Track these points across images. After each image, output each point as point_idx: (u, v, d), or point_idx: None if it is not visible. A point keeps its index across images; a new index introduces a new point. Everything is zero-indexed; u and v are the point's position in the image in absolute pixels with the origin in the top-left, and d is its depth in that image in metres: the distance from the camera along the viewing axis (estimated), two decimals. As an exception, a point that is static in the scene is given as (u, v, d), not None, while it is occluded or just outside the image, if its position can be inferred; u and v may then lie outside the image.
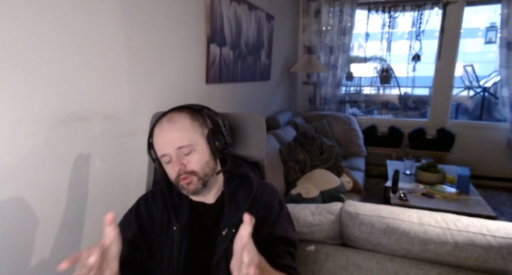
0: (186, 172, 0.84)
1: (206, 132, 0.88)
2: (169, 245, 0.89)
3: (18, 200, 0.94)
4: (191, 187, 0.85)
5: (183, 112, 0.88)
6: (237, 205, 0.89)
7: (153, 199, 0.95)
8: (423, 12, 3.62)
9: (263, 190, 0.94)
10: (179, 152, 0.84)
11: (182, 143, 0.83)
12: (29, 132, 0.95)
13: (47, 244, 1.04)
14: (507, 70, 3.41)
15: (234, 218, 0.87)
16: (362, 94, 5.01)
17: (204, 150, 0.87)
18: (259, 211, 0.89)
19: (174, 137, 0.83)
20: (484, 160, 3.72)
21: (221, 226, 0.88)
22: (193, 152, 0.85)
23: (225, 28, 2.10)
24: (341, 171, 2.56)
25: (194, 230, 0.90)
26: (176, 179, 0.86)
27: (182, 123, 0.85)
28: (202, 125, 0.88)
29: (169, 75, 1.61)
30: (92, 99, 1.16)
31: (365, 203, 1.25)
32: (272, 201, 0.92)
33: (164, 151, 0.84)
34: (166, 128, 0.84)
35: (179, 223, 0.89)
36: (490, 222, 1.08)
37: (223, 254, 0.85)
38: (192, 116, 0.88)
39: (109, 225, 0.67)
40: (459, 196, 2.31)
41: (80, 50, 1.09)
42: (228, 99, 2.35)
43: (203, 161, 0.87)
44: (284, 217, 0.92)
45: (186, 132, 0.84)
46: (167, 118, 0.86)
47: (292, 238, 0.90)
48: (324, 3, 3.83)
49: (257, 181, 0.95)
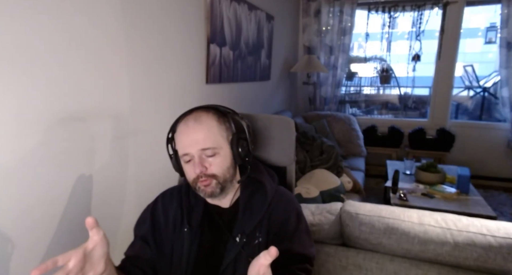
0: (206, 175, 0.83)
1: (230, 137, 0.86)
2: (179, 245, 0.88)
3: (18, 200, 0.94)
4: (208, 189, 0.84)
5: (210, 112, 0.86)
6: (251, 213, 0.87)
7: (170, 197, 0.95)
8: (423, 12, 3.62)
9: (279, 201, 0.90)
10: (202, 154, 0.82)
11: (207, 145, 0.82)
12: (29, 132, 0.95)
13: (47, 244, 1.04)
14: (507, 70, 3.41)
15: (246, 226, 0.86)
16: (362, 94, 5.01)
17: (227, 155, 0.86)
18: (273, 223, 0.87)
19: (199, 138, 0.81)
20: (484, 160, 3.72)
21: (234, 232, 0.86)
22: (216, 155, 0.83)
23: (225, 28, 2.10)
24: (341, 171, 2.56)
25: (206, 233, 0.89)
26: (194, 180, 0.84)
27: (209, 124, 0.83)
28: (228, 129, 0.87)
29: (169, 75, 1.61)
30: (92, 99, 1.16)
31: (365, 203, 1.26)
32: (289, 213, 0.89)
33: (187, 150, 0.83)
34: (192, 127, 0.82)
35: (191, 224, 0.88)
36: (490, 222, 1.08)
37: (232, 261, 0.84)
38: (219, 119, 0.86)
39: (91, 229, 0.66)
40: (459, 196, 2.31)
41: (80, 50, 1.09)
42: (228, 99, 2.35)
43: (225, 166, 0.85)
44: (302, 231, 0.88)
45: (212, 134, 0.83)
46: (194, 117, 0.84)
47: (309, 254, 0.86)
48: (324, 3, 3.83)
49: (273, 189, 0.92)
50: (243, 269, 0.83)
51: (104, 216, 1.25)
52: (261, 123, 1.03)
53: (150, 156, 1.48)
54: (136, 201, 1.41)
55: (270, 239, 0.86)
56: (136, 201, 1.41)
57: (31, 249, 0.99)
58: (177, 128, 0.86)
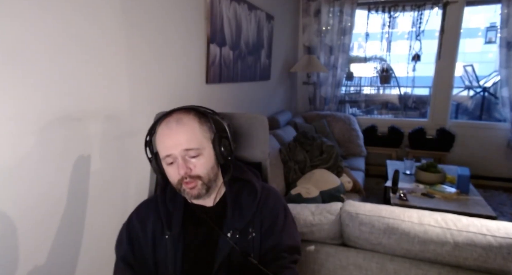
0: (191, 177, 0.82)
1: (212, 137, 0.86)
2: (163, 254, 0.87)
3: (18, 200, 0.94)
4: (194, 192, 0.83)
5: (191, 114, 0.86)
6: (240, 210, 0.88)
7: (146, 210, 0.93)
8: (423, 12, 3.62)
9: (267, 196, 0.91)
10: (186, 154, 0.82)
11: (191, 145, 0.81)
12: (29, 132, 0.95)
13: (46, 244, 1.04)
14: (507, 70, 3.40)
15: (238, 223, 0.86)
16: (362, 94, 5.01)
17: (210, 155, 0.86)
18: (264, 219, 0.88)
19: (182, 139, 0.81)
20: (484, 160, 3.72)
21: (225, 229, 0.86)
22: (200, 156, 0.83)
23: (225, 28, 2.10)
24: (341, 171, 2.56)
25: (190, 235, 0.88)
26: (179, 182, 0.83)
27: (191, 125, 0.83)
28: (209, 129, 0.87)
29: (169, 75, 1.61)
30: (92, 99, 1.16)
31: (365, 203, 1.26)
32: (278, 209, 0.91)
33: (169, 151, 0.82)
34: (175, 129, 0.82)
35: (171, 231, 0.87)
36: (490, 222, 1.08)
37: (225, 260, 0.84)
38: (200, 119, 0.86)
39: None
40: (459, 196, 2.31)
41: (80, 50, 1.09)
42: (228, 99, 2.35)
43: (209, 166, 0.85)
44: (290, 224, 0.91)
45: (194, 135, 0.83)
46: (175, 119, 0.83)
47: (297, 244, 0.90)
48: (324, 3, 3.83)
49: (260, 185, 0.93)
50: (237, 265, 0.84)
51: (104, 216, 1.25)
52: (237, 121, 1.05)
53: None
54: (136, 201, 1.41)
55: (262, 234, 0.87)
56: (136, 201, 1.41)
57: (32, 249, 0.99)
58: (158, 130, 0.85)
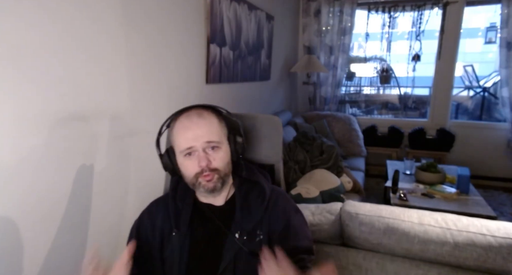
0: (210, 169, 0.84)
1: (227, 134, 0.90)
2: (170, 251, 0.88)
3: (18, 200, 0.94)
4: (210, 184, 0.84)
5: (210, 110, 0.89)
6: (249, 210, 0.88)
7: (157, 207, 0.95)
8: (423, 12, 3.62)
9: (277, 199, 0.92)
10: (207, 147, 0.84)
11: (212, 138, 0.84)
12: (29, 132, 0.95)
13: (47, 244, 1.04)
14: (507, 70, 3.40)
15: (246, 224, 0.86)
16: (362, 94, 5.01)
17: (227, 150, 0.88)
18: (274, 222, 0.88)
19: (204, 131, 0.83)
20: (484, 160, 3.72)
21: (233, 229, 0.86)
22: (218, 150, 0.85)
23: (225, 28, 2.10)
24: (341, 171, 2.56)
25: (198, 233, 0.88)
26: (196, 175, 0.84)
27: (212, 120, 0.86)
28: (225, 126, 0.90)
29: (169, 75, 1.61)
30: (92, 99, 1.16)
31: (365, 203, 1.25)
32: (289, 211, 0.91)
33: (191, 143, 0.83)
34: (196, 122, 0.84)
35: (179, 228, 0.88)
36: (490, 222, 1.08)
37: (231, 260, 0.84)
38: (218, 116, 0.89)
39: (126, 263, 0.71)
40: (459, 196, 2.31)
41: (80, 50, 1.09)
42: (228, 99, 2.35)
43: (226, 161, 0.88)
44: (303, 226, 0.91)
45: (214, 129, 0.85)
46: (196, 113, 0.86)
47: (312, 245, 0.90)
48: (324, 3, 3.82)
49: (270, 188, 0.94)
50: (243, 267, 0.83)
51: (105, 216, 1.25)
52: (249, 122, 1.04)
53: (150, 156, 1.48)
54: (136, 200, 1.41)
55: (276, 238, 0.86)
56: (137, 201, 1.41)
57: (32, 249, 0.99)
58: (176, 124, 0.86)
